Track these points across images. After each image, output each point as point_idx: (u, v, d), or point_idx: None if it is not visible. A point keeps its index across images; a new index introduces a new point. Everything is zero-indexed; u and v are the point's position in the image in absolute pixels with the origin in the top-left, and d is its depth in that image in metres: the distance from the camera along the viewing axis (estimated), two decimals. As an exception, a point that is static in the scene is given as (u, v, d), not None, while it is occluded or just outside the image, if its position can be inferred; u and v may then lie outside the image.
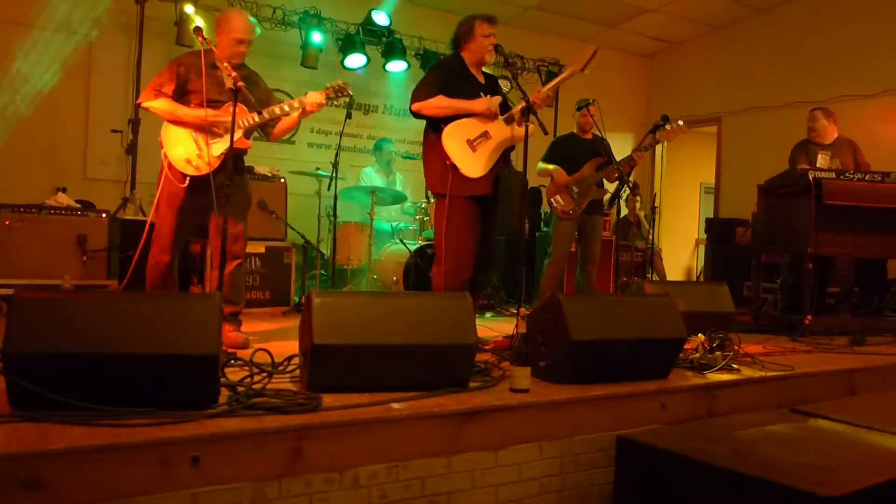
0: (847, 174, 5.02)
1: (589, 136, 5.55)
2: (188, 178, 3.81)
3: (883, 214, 5.00)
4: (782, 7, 8.26)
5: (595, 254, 5.50)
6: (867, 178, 5.02)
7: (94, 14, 6.25)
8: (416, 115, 3.96)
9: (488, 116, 3.93)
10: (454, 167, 3.84)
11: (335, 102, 5.98)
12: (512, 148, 4.10)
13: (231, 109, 3.60)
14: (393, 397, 2.61)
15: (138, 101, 3.94)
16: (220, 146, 3.84)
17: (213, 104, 3.84)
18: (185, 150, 3.82)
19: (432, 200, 5.18)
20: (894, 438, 2.89)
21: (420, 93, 3.95)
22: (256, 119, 3.89)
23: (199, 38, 3.74)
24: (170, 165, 3.83)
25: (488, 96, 4.01)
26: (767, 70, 8.41)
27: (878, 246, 5.19)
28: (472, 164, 3.86)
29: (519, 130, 3.98)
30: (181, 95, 3.86)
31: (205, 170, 3.82)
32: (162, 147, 3.87)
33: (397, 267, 6.03)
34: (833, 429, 3.03)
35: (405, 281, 5.92)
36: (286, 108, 3.95)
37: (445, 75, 4.01)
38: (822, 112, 5.74)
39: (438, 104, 3.89)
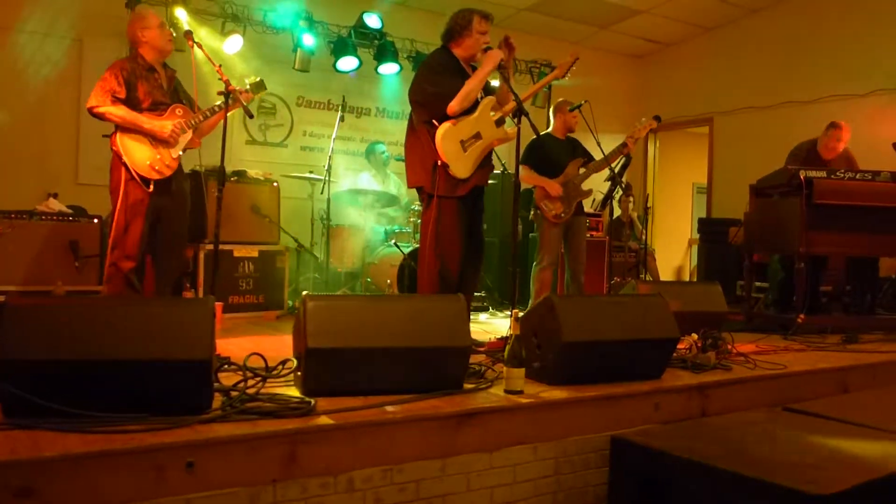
0: (837, 173, 5.04)
1: (563, 138, 5.55)
2: (153, 183, 3.91)
3: (873, 213, 5.02)
4: (773, 8, 8.29)
5: (582, 255, 5.49)
6: (858, 176, 5.04)
7: (84, 19, 6.24)
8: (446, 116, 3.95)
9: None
10: (445, 167, 3.84)
11: (327, 106, 5.99)
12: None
13: (177, 112, 3.89)
14: (387, 400, 2.61)
15: (90, 105, 3.86)
16: (176, 148, 3.96)
17: (159, 107, 3.95)
18: (146, 155, 3.91)
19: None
20: (886, 436, 2.90)
21: (437, 98, 3.93)
22: (201, 118, 4.01)
23: (190, 42, 3.79)
24: (135, 173, 3.88)
25: (480, 95, 4.05)
26: (759, 70, 8.44)
27: (869, 244, 5.20)
28: (462, 165, 3.88)
29: (510, 131, 4.00)
30: (128, 100, 3.90)
31: (167, 173, 3.95)
32: (121, 156, 3.88)
33: (391, 270, 6.03)
34: (826, 427, 3.05)
35: (399, 284, 5.92)
36: (220, 104, 3.97)
37: (446, 72, 4.01)
38: (842, 130, 5.68)
39: (464, 94, 3.90)
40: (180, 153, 3.95)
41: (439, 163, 3.85)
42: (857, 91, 7.34)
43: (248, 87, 4.17)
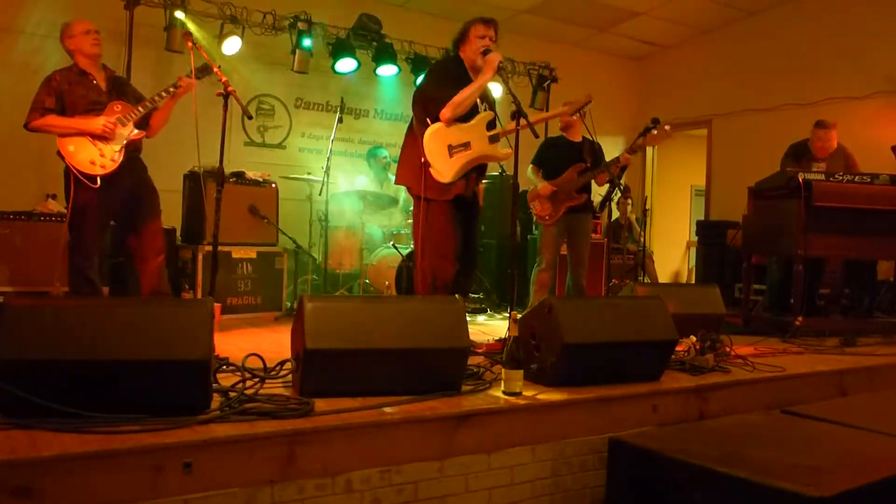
0: (836, 176, 5.04)
1: (578, 139, 5.55)
2: (99, 179, 3.99)
3: (872, 216, 5.02)
4: (771, 10, 8.30)
5: (583, 256, 5.49)
6: (856, 179, 5.04)
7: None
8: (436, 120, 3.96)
9: None
10: (427, 165, 3.84)
11: (326, 108, 5.98)
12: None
13: (115, 108, 4.04)
14: (385, 401, 2.61)
15: (25, 124, 4.05)
16: (116, 141, 4.04)
17: (96, 106, 4.07)
18: (86, 153, 4.00)
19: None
20: (884, 439, 2.90)
21: (432, 102, 3.94)
22: (140, 111, 4.12)
23: (189, 44, 3.82)
24: (78, 172, 3.98)
25: (483, 106, 4.05)
26: (757, 73, 8.45)
27: (867, 247, 5.21)
28: (445, 169, 3.86)
29: (500, 151, 4.03)
30: (61, 109, 4.05)
31: (110, 167, 4.02)
32: (65, 159, 4.00)
33: (389, 271, 6.03)
34: (824, 430, 3.05)
35: (397, 285, 5.92)
36: (163, 94, 4.15)
37: (448, 78, 4.02)
38: (832, 131, 5.71)
39: (458, 101, 3.88)
40: (123, 145, 4.05)
41: (423, 160, 3.85)
42: (855, 94, 7.35)
43: (190, 73, 4.23)
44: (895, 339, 5.10)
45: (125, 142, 4.05)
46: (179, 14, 6.11)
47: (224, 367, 3.01)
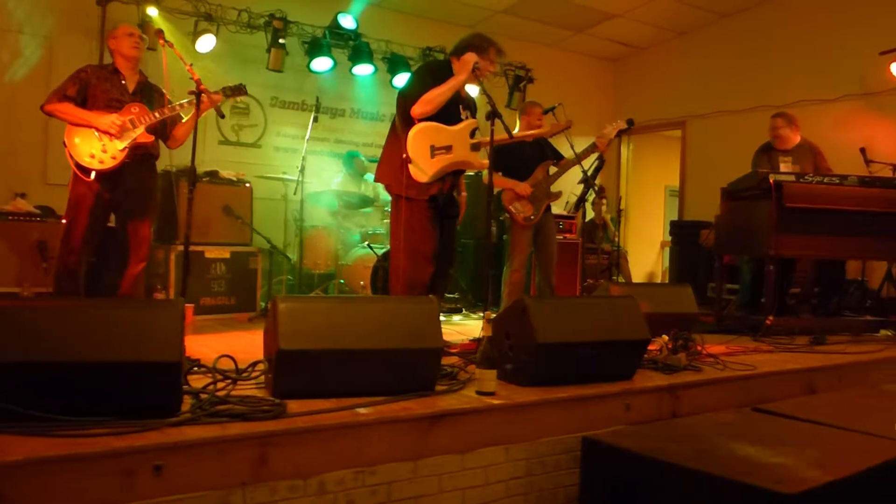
0: (807, 177, 5.11)
1: (530, 140, 5.56)
2: (94, 173, 4.03)
3: (841, 216, 5.09)
4: (745, 13, 8.39)
5: (553, 254, 5.50)
6: (826, 180, 5.11)
7: (55, 16, 6.16)
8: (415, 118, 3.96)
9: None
10: (408, 163, 3.85)
11: (301, 107, 5.95)
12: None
13: (132, 109, 4.09)
14: (359, 402, 2.61)
15: (42, 105, 4.13)
16: (122, 140, 4.07)
17: (113, 104, 4.14)
18: (88, 146, 4.04)
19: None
20: (852, 436, 2.95)
21: (405, 98, 3.97)
22: (157, 116, 4.16)
23: (161, 41, 3.83)
24: (76, 163, 4.03)
25: (465, 114, 4.07)
26: (731, 75, 8.53)
27: (836, 247, 5.28)
28: (424, 168, 3.87)
29: (479, 160, 4.06)
30: (83, 100, 4.11)
31: (109, 164, 4.06)
32: (66, 147, 4.05)
33: (365, 271, 6.02)
34: (793, 428, 3.08)
35: (373, 286, 5.91)
36: (184, 104, 4.18)
37: (429, 77, 4.03)
38: (784, 119, 5.83)
39: (428, 98, 3.90)
40: (127, 145, 4.08)
41: (404, 156, 3.85)
42: (826, 96, 7.45)
43: (221, 89, 4.23)
44: (863, 338, 5.18)
45: (131, 142, 4.08)
46: (152, 11, 6.06)
47: (195, 368, 2.98)
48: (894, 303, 5.62)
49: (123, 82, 4.23)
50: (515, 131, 5.41)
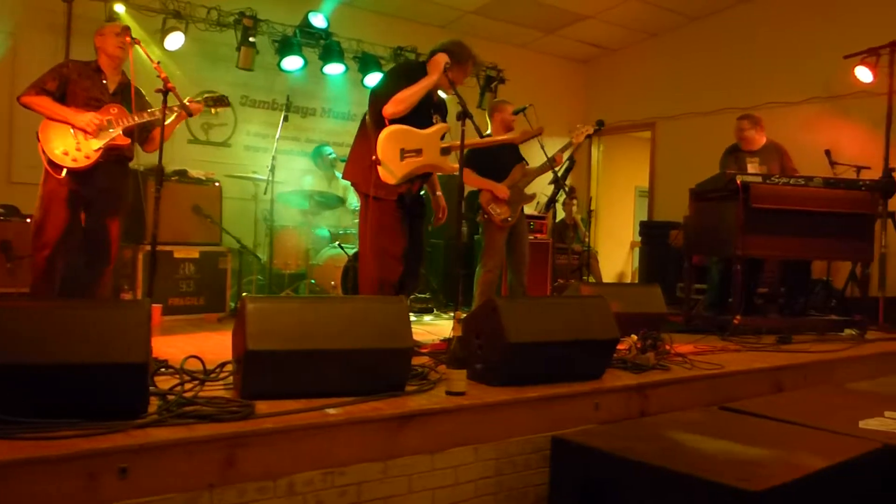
0: (773, 178, 5.18)
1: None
2: (65, 171, 3.98)
3: (807, 217, 5.17)
4: (714, 16, 8.49)
5: (526, 255, 5.51)
6: (792, 182, 5.19)
7: (19, 11, 6.05)
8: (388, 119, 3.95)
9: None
10: (377, 164, 3.84)
11: (272, 106, 5.91)
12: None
13: (111, 110, 4.06)
14: (329, 403, 2.59)
15: (19, 97, 4.08)
16: (98, 141, 4.03)
17: (92, 102, 4.09)
18: (63, 143, 3.99)
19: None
20: (816, 433, 2.99)
21: (377, 98, 3.97)
22: (135, 119, 4.12)
23: (127, 39, 3.79)
24: (48, 160, 3.98)
25: (437, 118, 4.07)
26: (700, 77, 8.63)
27: (802, 248, 5.37)
28: (394, 170, 3.88)
29: (448, 164, 4.07)
30: (62, 95, 4.07)
31: (83, 163, 4.01)
32: (40, 142, 4.01)
33: (336, 271, 5.99)
34: (760, 426, 3.13)
35: (343, 285, 5.89)
36: (166, 112, 3.99)
37: (402, 78, 4.03)
38: (749, 121, 5.92)
39: (400, 98, 3.90)
40: (102, 146, 4.03)
41: (374, 157, 3.85)
42: (792, 98, 7.56)
43: (203, 98, 4.25)
44: (828, 337, 5.26)
45: (107, 143, 4.03)
46: (119, 7, 5.97)
47: (163, 369, 2.95)
48: (858, 302, 5.71)
49: (105, 82, 4.19)
50: (488, 132, 5.46)
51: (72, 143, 3.99)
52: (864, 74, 6.74)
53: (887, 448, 2.80)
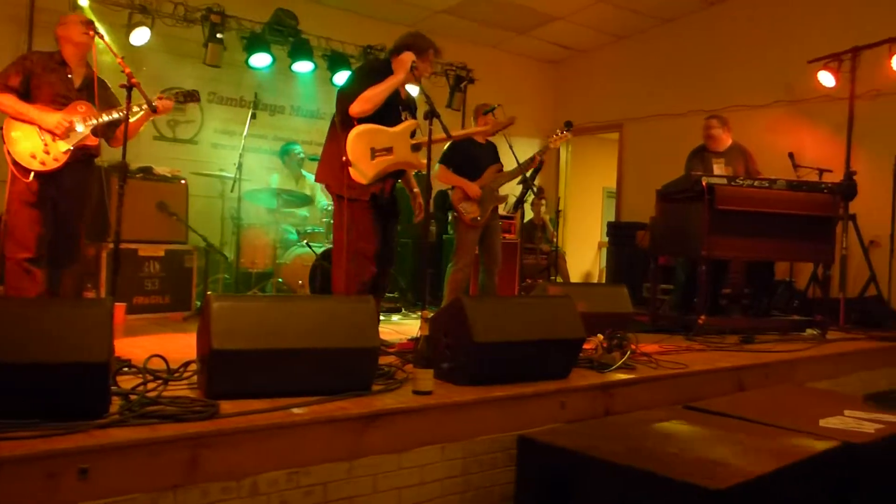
0: (738, 180, 5.25)
1: (483, 142, 5.60)
2: (33, 174, 3.83)
3: (771, 219, 5.24)
4: (681, 19, 8.58)
5: (499, 255, 5.56)
6: (756, 184, 5.27)
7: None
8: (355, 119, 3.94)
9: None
10: (347, 165, 3.83)
11: (239, 103, 5.87)
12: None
13: (79, 108, 3.87)
14: (294, 402, 2.58)
15: None
16: (66, 141, 3.88)
17: (58, 100, 3.92)
18: (30, 145, 3.83)
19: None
20: (777, 431, 3.04)
21: (344, 97, 3.97)
22: (103, 118, 3.97)
23: (91, 33, 3.70)
24: (14, 162, 3.82)
25: (405, 115, 4.07)
26: (667, 79, 8.72)
27: (766, 249, 5.45)
28: (365, 170, 3.88)
29: (420, 161, 4.07)
30: (26, 91, 3.89)
31: (51, 165, 3.86)
32: (4, 143, 3.84)
33: (303, 270, 5.96)
34: (723, 424, 3.16)
35: (311, 284, 5.85)
36: (134, 109, 3.90)
37: (370, 77, 4.02)
38: (718, 120, 6.02)
39: (367, 97, 3.89)
40: (71, 147, 3.88)
41: (344, 158, 3.84)
42: (758, 102, 7.67)
43: (174, 94, 4.14)
44: (790, 337, 5.35)
45: (75, 144, 3.89)
46: (83, 1, 5.87)
47: (125, 369, 2.91)
48: (820, 303, 5.82)
49: (70, 76, 4.00)
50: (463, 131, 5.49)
51: (39, 144, 3.83)
52: (826, 79, 6.88)
53: (847, 446, 2.85)
